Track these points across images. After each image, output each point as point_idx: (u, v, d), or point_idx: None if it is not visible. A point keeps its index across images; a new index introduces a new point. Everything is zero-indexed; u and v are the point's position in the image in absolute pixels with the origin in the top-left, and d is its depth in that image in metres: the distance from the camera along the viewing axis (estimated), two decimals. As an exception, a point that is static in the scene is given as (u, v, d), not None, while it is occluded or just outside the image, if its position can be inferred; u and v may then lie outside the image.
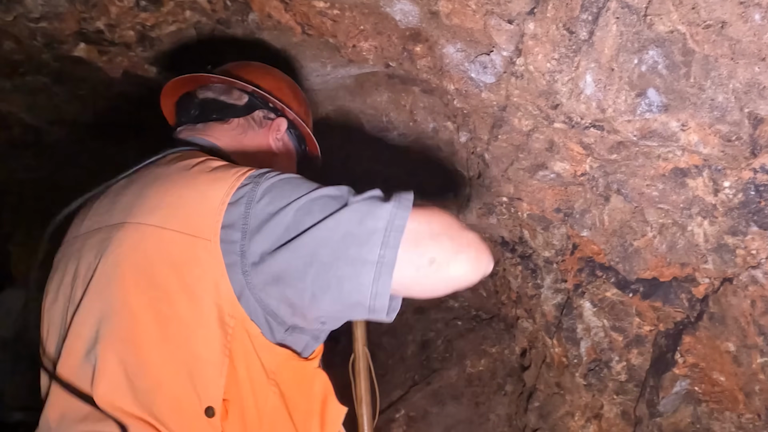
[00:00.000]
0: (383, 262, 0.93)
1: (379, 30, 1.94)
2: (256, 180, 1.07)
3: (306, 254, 0.97)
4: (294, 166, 1.62)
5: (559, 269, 2.31)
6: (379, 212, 0.97)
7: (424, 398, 3.23)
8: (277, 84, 1.62)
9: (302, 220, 0.99)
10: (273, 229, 1.00)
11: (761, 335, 1.76)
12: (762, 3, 1.20)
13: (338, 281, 0.95)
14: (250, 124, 1.49)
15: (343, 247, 0.95)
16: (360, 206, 0.98)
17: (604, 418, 2.41)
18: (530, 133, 1.89)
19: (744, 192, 1.55)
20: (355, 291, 0.95)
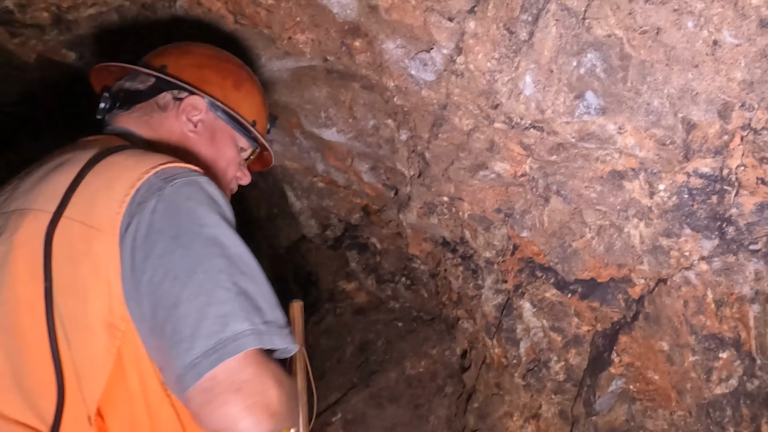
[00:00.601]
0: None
1: (317, 23, 1.92)
2: (162, 183, 1.05)
3: (162, 299, 0.98)
4: (226, 149, 1.50)
5: (499, 270, 2.35)
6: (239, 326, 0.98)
7: (362, 401, 3.23)
8: (194, 60, 1.53)
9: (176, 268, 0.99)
10: (152, 252, 1.00)
11: (693, 334, 1.86)
12: (695, 11, 1.25)
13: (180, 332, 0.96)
14: (154, 108, 1.42)
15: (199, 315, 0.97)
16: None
17: (542, 418, 2.48)
18: (471, 133, 1.91)
19: (678, 195, 1.62)
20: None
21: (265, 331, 0.99)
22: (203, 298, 0.96)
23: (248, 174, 1.61)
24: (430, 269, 2.86)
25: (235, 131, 1.51)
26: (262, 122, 1.65)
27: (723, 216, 1.59)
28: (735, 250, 1.65)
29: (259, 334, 0.98)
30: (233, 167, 1.52)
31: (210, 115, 1.46)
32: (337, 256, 3.39)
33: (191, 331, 0.94)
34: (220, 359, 0.93)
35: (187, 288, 0.97)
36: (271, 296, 1.06)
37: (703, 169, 1.53)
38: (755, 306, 1.71)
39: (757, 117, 1.36)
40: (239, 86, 1.56)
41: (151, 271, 0.99)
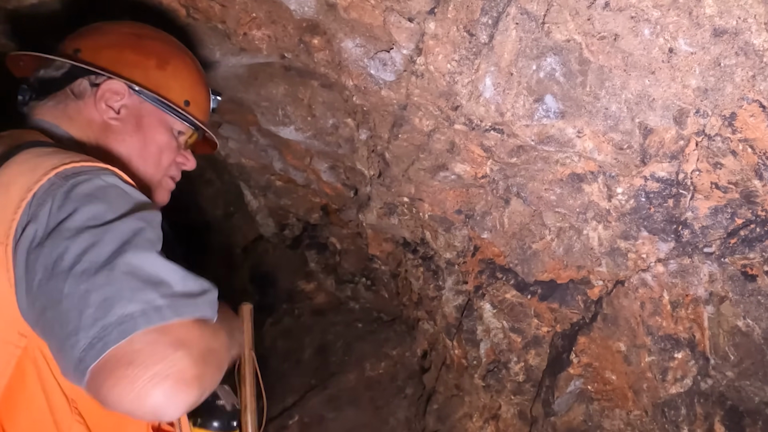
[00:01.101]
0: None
1: (273, 19, 1.90)
2: (62, 182, 0.97)
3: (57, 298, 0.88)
4: (156, 135, 1.39)
5: (460, 271, 2.38)
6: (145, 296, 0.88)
7: (320, 403, 3.23)
8: (111, 40, 1.41)
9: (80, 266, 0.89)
10: (41, 253, 0.91)
11: (649, 335, 1.91)
12: (651, 19, 1.28)
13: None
14: (69, 96, 1.32)
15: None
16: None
17: (502, 419, 2.52)
18: (431, 134, 1.93)
19: (635, 198, 1.67)
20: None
21: (166, 305, 0.89)
22: (84, 286, 0.87)
23: (192, 158, 1.52)
24: (391, 270, 2.88)
25: (166, 114, 1.41)
26: (200, 101, 1.53)
27: (679, 219, 1.64)
28: (690, 252, 1.70)
29: (157, 310, 0.87)
30: (168, 153, 1.42)
31: (134, 100, 1.36)
32: (296, 256, 3.38)
33: (75, 324, 0.85)
34: (104, 348, 0.82)
35: (68, 281, 0.87)
36: (178, 269, 0.96)
37: (659, 173, 1.58)
38: (709, 307, 1.77)
39: (711, 123, 1.41)
40: (164, 65, 1.44)
41: (39, 272, 0.90)
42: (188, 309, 0.92)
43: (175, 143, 1.44)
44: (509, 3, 1.45)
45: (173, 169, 1.47)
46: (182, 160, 1.48)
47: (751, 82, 1.29)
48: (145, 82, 1.37)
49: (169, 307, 0.89)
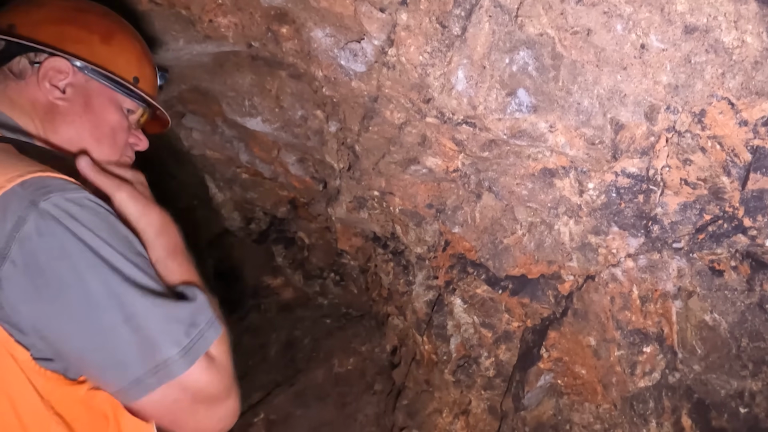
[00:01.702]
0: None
1: (240, 6, 1.88)
2: (33, 199, 0.95)
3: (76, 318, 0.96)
4: (107, 114, 1.35)
5: (431, 266, 2.40)
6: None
7: (287, 400, 3.22)
8: (49, 15, 1.34)
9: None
10: (37, 282, 0.94)
11: (618, 330, 1.96)
12: (623, 14, 1.31)
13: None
14: (9, 76, 1.25)
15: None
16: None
17: (472, 414, 2.55)
18: (402, 127, 1.93)
19: (606, 194, 1.70)
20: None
21: (191, 345, 1.00)
22: (123, 328, 0.96)
23: (144, 138, 1.45)
24: (360, 265, 2.88)
25: (115, 92, 1.35)
26: (148, 78, 1.47)
27: (649, 215, 1.68)
28: (659, 247, 1.75)
29: (187, 352, 1.00)
30: (121, 133, 1.36)
31: (80, 78, 1.29)
32: (262, 250, 3.36)
33: (121, 356, 0.96)
34: (166, 377, 0.96)
35: (101, 320, 0.96)
36: (167, 304, 1.03)
37: (630, 168, 1.61)
38: (678, 302, 1.83)
39: (681, 120, 1.44)
40: (109, 39, 1.36)
41: (42, 304, 0.94)
42: (210, 334, 1.04)
43: (127, 122, 1.38)
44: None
45: (128, 149, 1.40)
46: (135, 141, 1.42)
47: (720, 80, 1.32)
48: (91, 58, 1.30)
49: (195, 343, 1.01)
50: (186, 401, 0.99)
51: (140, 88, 1.40)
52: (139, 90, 1.39)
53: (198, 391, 1.00)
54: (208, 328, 1.05)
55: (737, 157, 1.44)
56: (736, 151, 1.44)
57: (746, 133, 1.39)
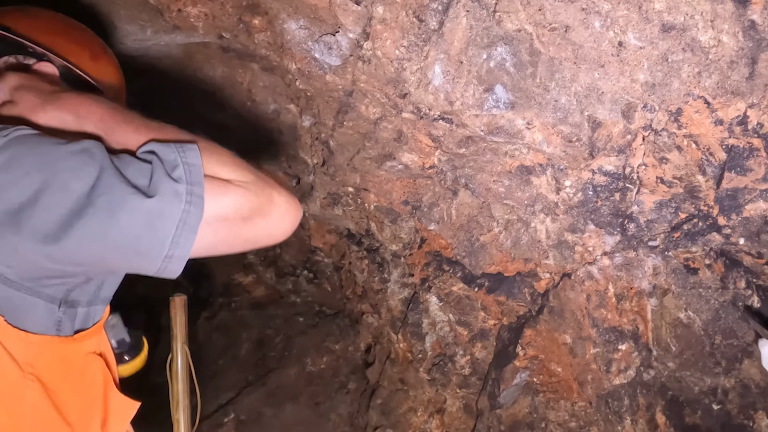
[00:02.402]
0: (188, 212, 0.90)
1: (211, -4, 1.86)
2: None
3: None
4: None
5: (406, 263, 2.41)
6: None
7: (258, 400, 3.22)
8: (43, 25, 1.41)
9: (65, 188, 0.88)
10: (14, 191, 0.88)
11: (594, 327, 1.99)
12: (602, 11, 1.33)
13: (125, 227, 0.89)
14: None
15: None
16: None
17: (447, 412, 2.58)
18: (378, 122, 1.93)
19: (583, 191, 1.73)
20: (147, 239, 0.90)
21: (189, 188, 0.92)
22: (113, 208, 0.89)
23: None
24: (334, 262, 2.88)
25: None
26: (122, 98, 1.56)
27: (625, 213, 1.71)
28: (635, 246, 1.78)
29: (189, 193, 0.92)
30: None
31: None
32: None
33: (134, 239, 0.88)
34: (190, 237, 0.90)
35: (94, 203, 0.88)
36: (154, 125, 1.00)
37: (607, 166, 1.64)
38: (653, 300, 1.86)
39: (657, 118, 1.47)
40: (97, 58, 1.45)
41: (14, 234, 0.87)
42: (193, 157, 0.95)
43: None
44: (460, -10, 1.47)
45: None
46: None
47: (697, 79, 1.35)
48: (78, 71, 1.36)
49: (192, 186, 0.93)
50: (229, 228, 0.95)
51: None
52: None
53: (232, 213, 0.95)
54: (186, 157, 0.96)
55: (712, 156, 1.47)
56: (711, 150, 1.47)
57: (721, 132, 1.42)
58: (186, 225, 0.90)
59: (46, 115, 1.07)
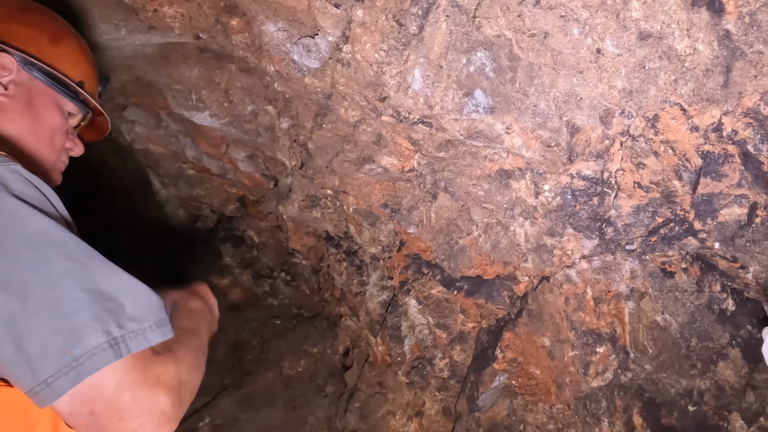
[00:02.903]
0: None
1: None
2: None
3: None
4: (49, 115, 1.35)
5: (385, 266, 2.42)
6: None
7: (233, 404, 3.20)
8: (1, 12, 1.36)
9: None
10: None
11: (573, 330, 2.03)
12: (580, 19, 1.35)
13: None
14: None
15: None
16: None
17: (426, 416, 2.60)
18: (357, 125, 1.94)
19: (562, 195, 1.76)
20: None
21: (123, 338, 0.95)
22: (47, 312, 0.91)
23: (80, 144, 1.47)
24: (312, 264, 2.88)
25: (58, 94, 1.37)
26: (91, 83, 1.50)
27: (603, 217, 1.74)
28: (613, 249, 1.82)
29: (117, 344, 0.94)
30: (60, 136, 1.38)
31: (24, 76, 1.30)
32: (209, 249, 3.32)
33: (40, 349, 0.90)
34: (78, 378, 0.90)
35: (26, 302, 0.90)
36: (129, 283, 1.01)
37: (585, 171, 1.67)
38: (630, 303, 1.90)
39: (635, 124, 1.50)
40: (57, 41, 1.40)
41: None
42: (147, 337, 0.99)
43: (66, 126, 1.41)
44: (440, -5, 1.49)
45: (64, 154, 1.42)
46: (70, 145, 1.44)
47: (673, 86, 1.38)
48: (39, 56, 1.32)
49: (131, 338, 0.96)
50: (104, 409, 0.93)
51: (86, 92, 1.42)
52: (84, 93, 1.41)
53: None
54: (151, 330, 1.01)
55: (689, 162, 1.51)
56: (687, 156, 1.50)
57: (697, 139, 1.46)
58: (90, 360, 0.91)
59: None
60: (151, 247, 3.48)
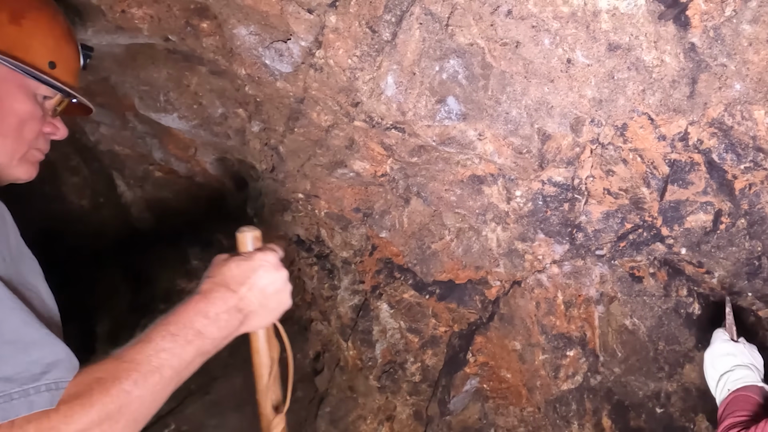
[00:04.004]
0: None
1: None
2: None
3: None
4: (14, 103, 1.25)
5: (357, 270, 2.45)
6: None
7: (200, 410, 3.20)
8: None
9: None
10: None
11: (543, 334, 2.08)
12: (551, 29, 1.40)
13: None
14: None
15: None
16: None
17: (397, 420, 2.63)
18: (329, 129, 1.97)
19: (533, 201, 1.81)
20: None
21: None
22: None
23: (62, 126, 1.36)
24: (282, 268, 2.90)
25: (26, 78, 1.25)
26: (68, 60, 1.38)
27: (573, 222, 1.80)
28: (583, 254, 1.87)
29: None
30: (32, 124, 1.27)
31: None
32: (176, 252, 3.31)
33: None
34: None
35: None
36: (18, 334, 0.92)
37: (556, 177, 1.72)
38: (600, 307, 1.96)
39: (604, 132, 1.56)
40: (19, 19, 1.28)
41: None
42: (24, 405, 0.87)
43: (41, 111, 1.30)
44: (413, 2, 1.52)
45: (40, 140, 1.31)
46: (50, 130, 1.33)
47: (641, 96, 1.44)
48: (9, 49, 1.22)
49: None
50: None
51: (55, 75, 1.31)
52: (53, 77, 1.29)
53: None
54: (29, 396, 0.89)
55: (656, 170, 1.57)
56: (655, 164, 1.57)
57: (664, 147, 1.52)
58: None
59: None
60: (116, 249, 3.45)
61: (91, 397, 0.91)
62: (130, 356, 0.97)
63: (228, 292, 1.11)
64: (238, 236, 1.21)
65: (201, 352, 1.06)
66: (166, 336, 1.02)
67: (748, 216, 1.56)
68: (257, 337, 1.27)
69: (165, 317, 1.05)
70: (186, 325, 1.05)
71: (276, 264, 1.16)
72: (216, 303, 1.09)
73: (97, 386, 0.93)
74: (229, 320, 1.11)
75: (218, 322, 1.09)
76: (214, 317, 1.08)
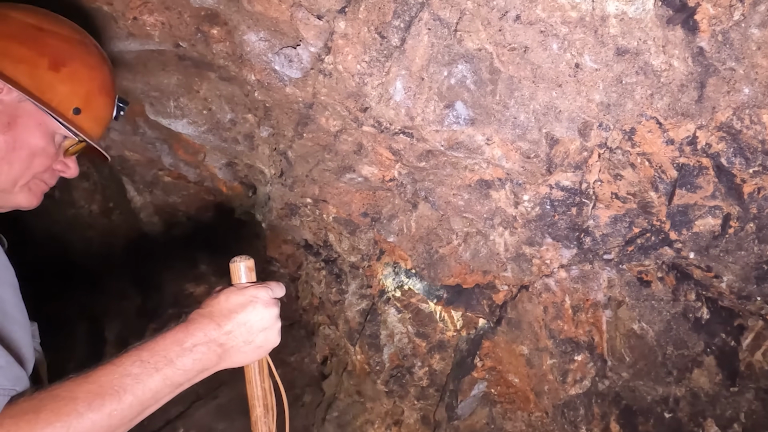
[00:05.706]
0: None
1: (168, 5, 1.87)
2: None
3: None
4: (29, 138, 1.32)
5: (364, 275, 2.45)
6: None
7: (208, 414, 3.19)
8: (10, 29, 1.32)
9: None
10: None
11: (551, 338, 2.08)
12: (559, 34, 1.40)
13: None
14: None
15: None
16: None
17: (404, 424, 2.63)
18: (338, 134, 1.97)
19: (541, 206, 1.80)
20: None
21: None
22: None
23: (73, 166, 1.43)
24: (291, 273, 2.90)
25: (48, 118, 1.33)
26: (96, 109, 1.45)
27: (581, 227, 1.79)
28: (591, 259, 1.87)
29: None
30: (42, 159, 1.33)
31: (13, 96, 1.28)
32: (185, 256, 3.32)
33: None
34: None
35: None
36: None
37: (564, 182, 1.72)
38: (608, 311, 1.95)
39: (612, 137, 1.56)
40: (59, 66, 1.36)
41: None
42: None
43: (54, 149, 1.37)
44: (422, 8, 1.53)
45: (47, 174, 1.38)
46: (61, 168, 1.40)
47: (649, 100, 1.44)
48: (27, 81, 1.30)
49: None
50: None
51: (76, 121, 1.38)
52: (73, 123, 1.37)
53: None
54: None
55: (664, 174, 1.57)
56: (663, 168, 1.56)
57: (673, 152, 1.52)
58: None
59: None
60: (126, 253, 3.46)
61: (38, 414, 0.92)
62: (96, 377, 0.98)
63: (211, 325, 1.11)
64: (231, 266, 1.25)
65: (170, 382, 1.05)
66: (135, 362, 1.02)
67: (756, 220, 1.55)
68: (249, 369, 1.28)
69: (142, 342, 1.06)
70: (158, 353, 1.05)
71: (267, 301, 1.18)
72: (195, 334, 1.09)
73: (51, 404, 0.94)
74: (206, 353, 1.10)
75: (194, 354, 1.08)
76: (190, 348, 1.08)
